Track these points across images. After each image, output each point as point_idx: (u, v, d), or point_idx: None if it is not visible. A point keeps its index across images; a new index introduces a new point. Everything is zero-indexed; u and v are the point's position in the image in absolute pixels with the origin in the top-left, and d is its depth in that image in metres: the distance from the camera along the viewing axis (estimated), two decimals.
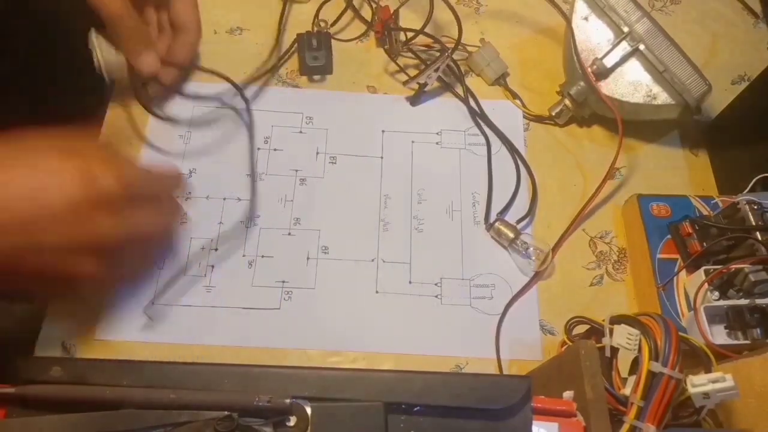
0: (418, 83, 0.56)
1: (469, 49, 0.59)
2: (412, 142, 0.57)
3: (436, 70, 0.55)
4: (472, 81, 0.60)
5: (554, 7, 0.56)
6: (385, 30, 0.58)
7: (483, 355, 0.48)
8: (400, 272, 0.51)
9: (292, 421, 0.33)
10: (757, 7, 0.67)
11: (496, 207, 0.54)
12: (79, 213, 0.36)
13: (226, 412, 0.32)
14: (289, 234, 0.52)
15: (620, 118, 0.53)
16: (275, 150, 0.55)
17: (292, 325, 0.48)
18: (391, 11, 0.59)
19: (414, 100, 0.58)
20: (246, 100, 0.54)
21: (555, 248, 0.52)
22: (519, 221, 0.53)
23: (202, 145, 0.55)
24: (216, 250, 0.50)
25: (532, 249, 0.51)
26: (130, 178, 0.39)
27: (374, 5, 0.60)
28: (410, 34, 0.57)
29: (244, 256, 0.50)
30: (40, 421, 0.32)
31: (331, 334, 0.48)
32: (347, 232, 0.52)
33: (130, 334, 0.47)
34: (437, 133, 0.57)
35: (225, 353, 0.47)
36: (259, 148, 0.55)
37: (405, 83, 0.56)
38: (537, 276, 0.51)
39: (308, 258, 0.51)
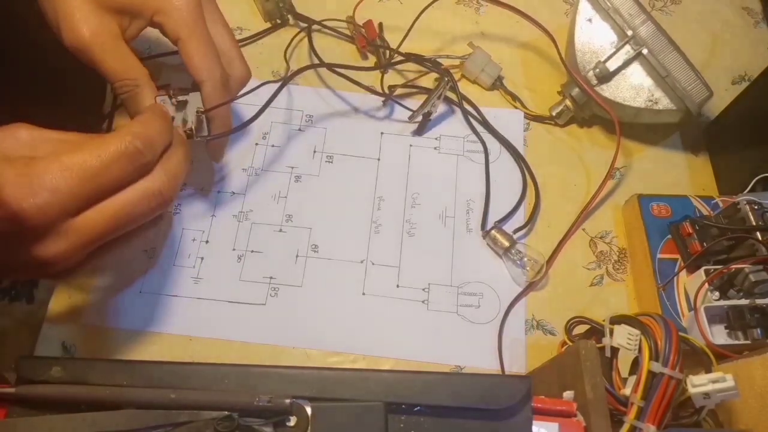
0: (422, 114, 0.55)
1: (463, 56, 0.59)
2: (410, 145, 0.57)
3: (439, 97, 0.54)
4: (470, 86, 0.60)
5: (538, 27, 0.56)
6: (369, 46, 0.59)
7: (467, 363, 0.48)
8: (389, 275, 0.51)
9: (292, 421, 0.33)
10: (757, 7, 0.67)
11: (494, 215, 0.53)
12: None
13: (226, 412, 0.32)
14: (281, 230, 0.52)
15: (618, 121, 0.53)
16: (273, 146, 0.55)
17: (276, 322, 0.48)
18: (376, 26, 0.59)
19: (420, 130, 0.57)
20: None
21: (555, 250, 0.52)
22: (517, 230, 0.52)
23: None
24: (207, 242, 0.51)
25: (526, 259, 0.51)
26: (57, 201, 0.33)
27: (359, 26, 0.60)
28: (399, 48, 0.57)
29: (234, 250, 0.51)
30: (40, 421, 0.32)
31: (315, 333, 0.48)
32: (338, 232, 0.52)
33: (115, 321, 0.47)
34: (436, 138, 0.57)
35: (209, 345, 0.47)
36: (257, 144, 0.55)
37: (410, 117, 0.56)
38: (530, 287, 0.51)
39: (297, 255, 0.51)
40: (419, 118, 0.56)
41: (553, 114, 0.58)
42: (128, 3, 0.42)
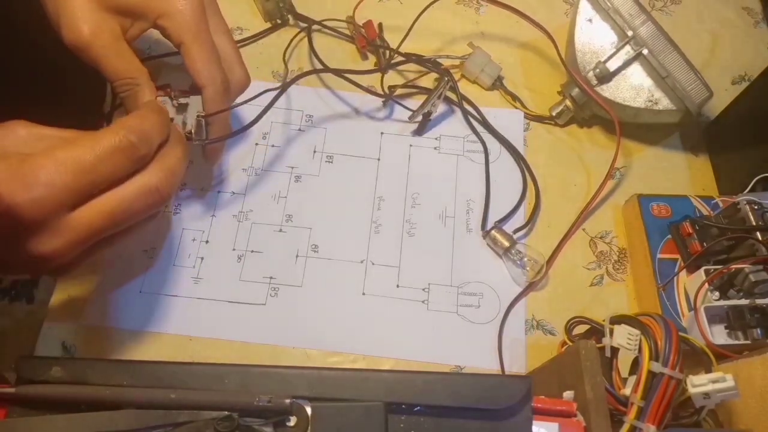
0: (422, 114, 0.55)
1: (463, 56, 0.59)
2: (410, 145, 0.57)
3: (439, 97, 0.54)
4: (470, 86, 0.60)
5: (537, 28, 0.56)
6: (369, 46, 0.59)
7: (467, 363, 0.48)
8: (389, 275, 0.51)
9: (292, 421, 0.33)
10: (757, 7, 0.67)
11: (494, 215, 0.53)
12: None
13: (226, 412, 0.32)
14: (281, 230, 0.52)
15: (618, 122, 0.53)
16: (273, 146, 0.55)
17: (276, 322, 0.48)
18: (375, 26, 0.59)
19: (420, 130, 0.57)
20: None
21: (556, 250, 0.52)
22: (517, 230, 0.52)
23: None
24: (207, 242, 0.51)
25: (526, 259, 0.51)
26: (51, 192, 0.33)
27: (359, 26, 0.60)
28: (399, 48, 0.57)
29: (234, 250, 0.51)
30: (40, 421, 0.32)
31: (315, 333, 0.48)
32: (338, 232, 0.52)
33: (115, 321, 0.47)
34: (436, 138, 0.57)
35: (209, 345, 0.47)
36: (257, 144, 0.55)
37: (410, 117, 0.56)
38: (530, 287, 0.51)
39: (297, 255, 0.51)
40: (419, 118, 0.56)
41: (553, 114, 0.58)
42: (131, 5, 0.42)
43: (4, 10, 0.50)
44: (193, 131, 0.44)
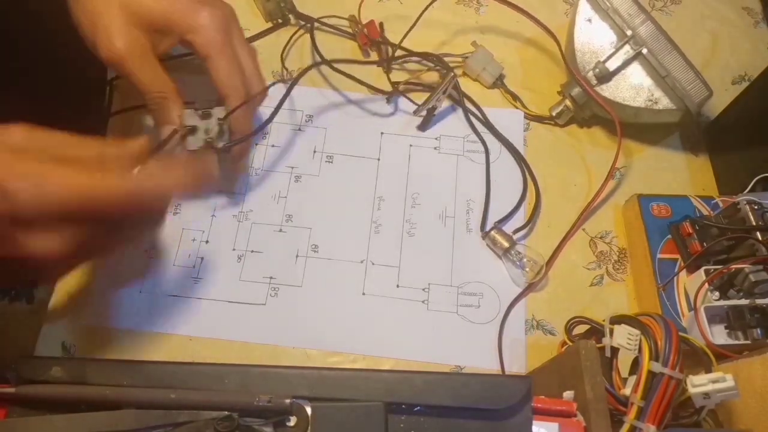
0: (427, 109, 0.55)
1: (464, 54, 0.59)
2: (410, 145, 0.57)
3: (444, 93, 0.54)
4: (470, 84, 0.60)
5: (538, 25, 0.56)
6: (371, 44, 0.59)
7: (467, 363, 0.48)
8: (389, 275, 0.51)
9: (292, 421, 0.33)
10: (757, 7, 0.67)
11: (494, 215, 0.53)
12: None
13: (226, 412, 0.32)
14: (281, 230, 0.52)
15: (619, 122, 0.53)
16: (273, 146, 0.55)
17: (276, 322, 0.48)
18: (377, 25, 0.59)
19: (424, 125, 0.57)
20: None
21: (556, 250, 0.52)
22: (517, 230, 0.52)
23: None
24: (207, 242, 0.51)
25: (525, 260, 0.51)
26: (55, 195, 0.32)
27: (361, 24, 0.60)
28: (401, 48, 0.57)
29: (234, 250, 0.51)
30: (40, 421, 0.32)
31: (315, 333, 0.48)
32: (338, 232, 0.52)
33: (115, 321, 0.47)
34: (436, 138, 0.57)
35: (209, 345, 0.47)
36: (257, 144, 0.55)
37: (415, 112, 0.56)
38: (530, 287, 0.51)
39: (297, 255, 0.51)
40: (424, 113, 0.56)
41: (553, 114, 0.58)
42: (161, 21, 0.44)
43: (13, 10, 0.50)
44: (214, 136, 0.45)
